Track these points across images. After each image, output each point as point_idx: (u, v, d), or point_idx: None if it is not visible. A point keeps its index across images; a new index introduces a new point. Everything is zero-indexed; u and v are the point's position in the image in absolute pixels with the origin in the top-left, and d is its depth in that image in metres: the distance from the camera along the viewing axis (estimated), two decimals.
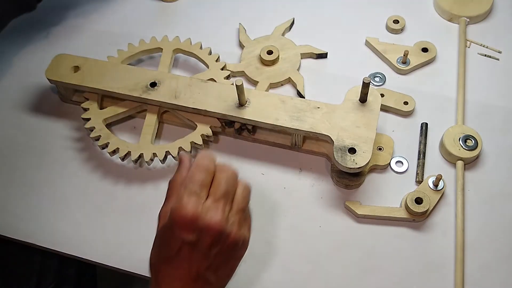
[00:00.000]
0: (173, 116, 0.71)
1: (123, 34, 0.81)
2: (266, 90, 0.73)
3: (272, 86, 0.74)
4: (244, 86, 0.63)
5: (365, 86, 0.62)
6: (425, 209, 0.61)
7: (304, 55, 0.77)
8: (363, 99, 0.64)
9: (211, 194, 0.48)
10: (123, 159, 0.66)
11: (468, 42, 0.78)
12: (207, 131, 0.67)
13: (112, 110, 0.69)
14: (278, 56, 0.75)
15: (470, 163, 0.67)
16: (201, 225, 0.46)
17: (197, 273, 0.47)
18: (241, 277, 0.60)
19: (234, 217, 0.48)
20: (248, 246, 0.51)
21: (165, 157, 0.66)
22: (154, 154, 0.66)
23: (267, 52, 0.75)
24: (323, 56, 0.77)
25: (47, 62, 0.71)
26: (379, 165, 0.66)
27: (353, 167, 0.60)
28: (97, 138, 0.67)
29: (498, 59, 0.76)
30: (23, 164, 0.70)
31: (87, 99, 0.70)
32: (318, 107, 0.65)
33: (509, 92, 0.73)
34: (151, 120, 0.69)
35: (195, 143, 0.66)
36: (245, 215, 0.51)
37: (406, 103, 0.71)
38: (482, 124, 0.70)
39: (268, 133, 0.69)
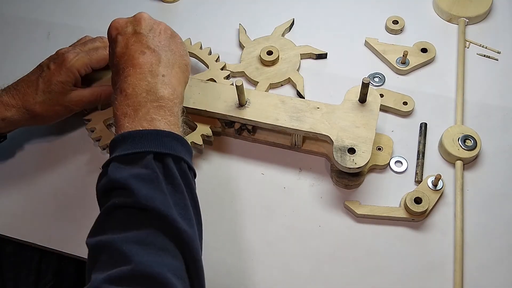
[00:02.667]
0: None
1: None
2: (266, 91, 0.73)
3: (272, 86, 0.74)
4: (244, 87, 0.63)
5: (365, 86, 0.62)
6: (424, 209, 0.61)
7: (304, 56, 0.77)
8: (362, 99, 0.65)
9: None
10: None
11: (467, 43, 0.78)
12: (207, 131, 0.67)
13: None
14: (278, 56, 0.75)
15: (469, 163, 0.67)
16: (132, 18, 0.58)
17: (143, 46, 0.55)
18: (242, 276, 0.61)
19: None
20: (247, 244, 0.51)
21: None
22: None
23: (267, 52, 0.75)
24: (322, 56, 0.78)
25: None
26: (379, 165, 0.67)
27: (352, 167, 0.60)
28: (98, 139, 0.67)
29: (497, 60, 0.77)
30: (24, 164, 0.70)
31: None
32: (318, 108, 0.65)
33: (508, 92, 0.73)
34: None
35: (195, 143, 0.66)
36: None
37: (405, 103, 0.71)
38: (481, 124, 0.70)
39: (268, 133, 0.69)
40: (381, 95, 0.72)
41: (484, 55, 0.77)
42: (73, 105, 0.64)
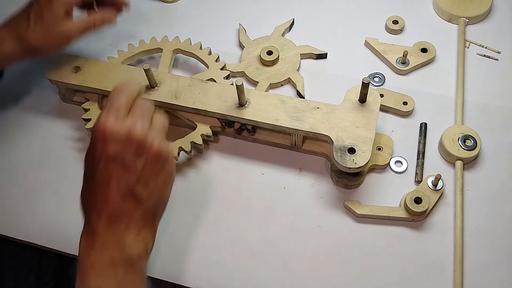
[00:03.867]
0: (173, 116, 0.71)
1: (123, 34, 0.82)
2: (266, 91, 0.73)
3: (272, 86, 0.74)
4: (244, 87, 0.63)
5: (365, 86, 0.62)
6: (424, 209, 0.61)
7: (304, 56, 0.77)
8: (362, 99, 0.65)
9: (130, 113, 0.49)
10: None
11: (467, 43, 0.78)
12: (207, 131, 0.67)
13: None
14: (278, 56, 0.75)
15: (469, 163, 0.67)
16: (122, 135, 0.47)
17: (127, 189, 0.47)
18: (242, 276, 0.61)
19: (154, 133, 0.49)
20: (247, 244, 0.51)
21: None
22: None
23: (267, 52, 0.75)
24: (322, 56, 0.78)
25: (48, 62, 0.71)
26: (379, 165, 0.67)
27: (352, 167, 0.60)
28: None
29: (497, 60, 0.77)
30: (24, 164, 0.70)
31: (88, 100, 0.71)
32: (318, 107, 0.65)
33: (508, 92, 0.73)
34: None
35: (195, 143, 0.66)
36: (165, 142, 0.51)
37: (405, 103, 0.71)
38: (481, 124, 0.70)
39: (268, 133, 0.69)
40: (381, 95, 0.72)
41: (484, 55, 0.77)
42: (67, 32, 0.64)
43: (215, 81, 0.71)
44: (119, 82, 0.51)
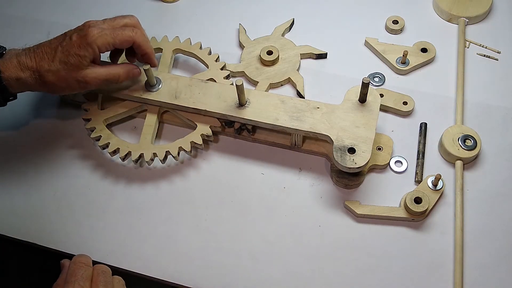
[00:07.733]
0: (173, 116, 0.71)
1: None
2: (266, 90, 0.73)
3: (272, 86, 0.74)
4: (244, 86, 0.63)
5: (365, 86, 0.62)
6: (424, 209, 0.61)
7: (304, 56, 0.77)
8: (362, 99, 0.65)
9: (93, 285, 0.52)
10: (123, 159, 0.67)
11: (467, 43, 0.78)
12: (207, 131, 0.67)
13: (113, 111, 0.70)
14: (278, 56, 0.75)
15: (469, 163, 0.67)
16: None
17: None
18: (242, 276, 0.61)
19: None
20: (247, 244, 0.51)
21: (165, 157, 0.67)
22: (154, 154, 0.66)
23: (267, 52, 0.75)
24: (322, 56, 0.78)
25: None
26: (379, 165, 0.67)
27: (352, 167, 0.60)
28: (98, 139, 0.67)
29: (497, 59, 0.77)
30: (24, 164, 0.70)
31: (88, 100, 0.71)
32: (318, 107, 0.65)
33: (508, 92, 0.73)
34: (151, 120, 0.69)
35: (195, 142, 0.66)
36: None
37: (405, 103, 0.71)
38: (481, 124, 0.70)
39: (268, 133, 0.69)
40: (381, 95, 0.72)
41: (484, 55, 0.77)
42: (88, 82, 0.62)
43: (215, 81, 0.71)
44: (74, 258, 0.54)
